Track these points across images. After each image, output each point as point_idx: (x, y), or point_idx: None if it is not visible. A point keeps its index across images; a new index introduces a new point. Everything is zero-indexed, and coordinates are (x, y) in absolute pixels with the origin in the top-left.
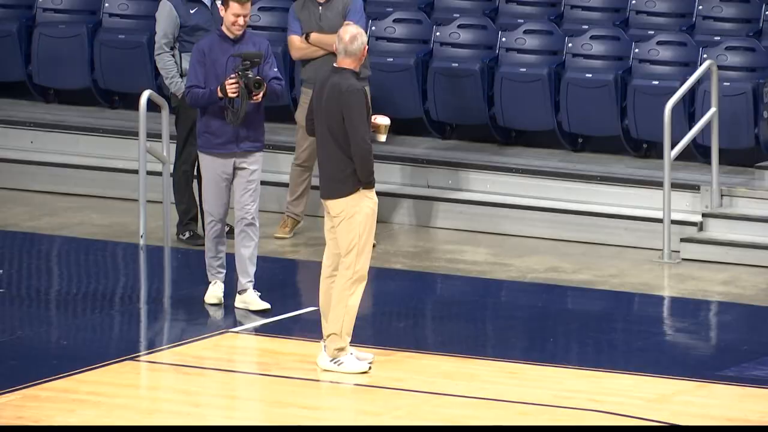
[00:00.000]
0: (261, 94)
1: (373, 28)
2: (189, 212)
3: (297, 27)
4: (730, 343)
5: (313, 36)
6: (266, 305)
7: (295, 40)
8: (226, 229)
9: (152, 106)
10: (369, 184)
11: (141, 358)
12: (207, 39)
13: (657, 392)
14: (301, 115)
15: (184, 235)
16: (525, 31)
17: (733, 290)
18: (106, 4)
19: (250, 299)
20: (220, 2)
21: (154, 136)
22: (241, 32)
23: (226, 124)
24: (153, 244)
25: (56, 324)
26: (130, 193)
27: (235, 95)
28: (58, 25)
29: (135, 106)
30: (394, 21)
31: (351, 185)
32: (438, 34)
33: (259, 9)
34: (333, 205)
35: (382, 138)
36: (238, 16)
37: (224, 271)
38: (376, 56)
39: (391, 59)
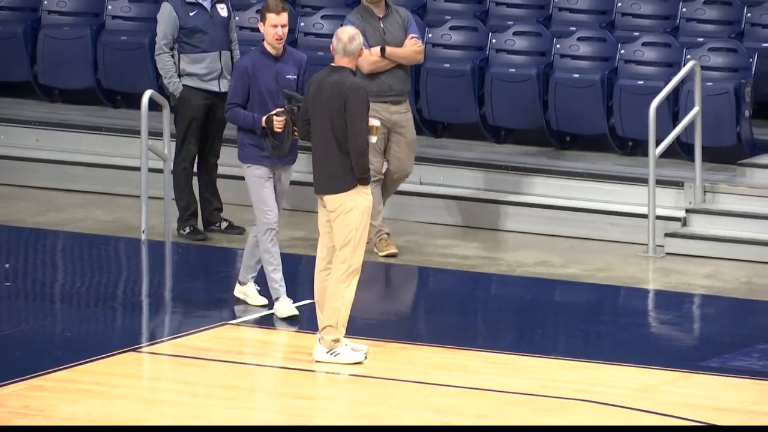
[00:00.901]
0: None
1: None
2: (189, 208)
3: (365, 41)
4: (712, 335)
5: (389, 50)
6: (264, 300)
7: (366, 54)
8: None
9: (154, 105)
10: (364, 180)
11: (142, 350)
12: (249, 56)
13: (642, 382)
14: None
15: (184, 230)
16: (514, 33)
17: (715, 284)
18: (109, 7)
19: (250, 293)
20: (229, 14)
21: (155, 134)
22: (281, 44)
23: None
24: (154, 239)
25: (60, 316)
26: (132, 190)
27: (280, 131)
28: (62, 27)
29: (137, 106)
30: None
31: (349, 181)
32: (430, 35)
33: (257, 11)
34: (330, 201)
35: (373, 139)
36: (275, 26)
37: (283, 284)
38: None
39: None
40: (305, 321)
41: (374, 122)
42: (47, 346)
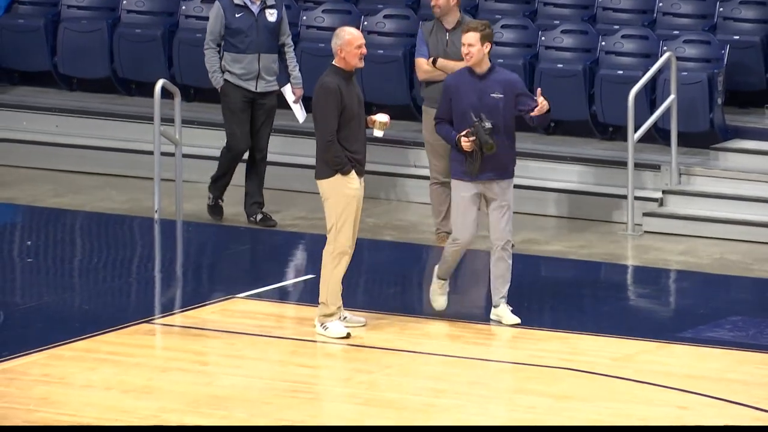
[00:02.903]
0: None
1: (365, 23)
2: (219, 180)
3: (425, 50)
4: (687, 308)
5: (440, 61)
6: (517, 320)
7: (422, 63)
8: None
9: (166, 93)
10: (340, 170)
11: (155, 321)
12: (456, 75)
13: (622, 352)
14: (426, 133)
15: (209, 199)
16: (502, 26)
17: (690, 260)
18: (124, 2)
19: (502, 313)
20: (279, 19)
21: (167, 120)
22: (471, 61)
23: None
24: (166, 219)
25: (79, 290)
26: (146, 173)
27: (469, 151)
28: (80, 21)
29: (150, 94)
30: (385, 17)
31: (328, 170)
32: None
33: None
34: (319, 186)
35: (376, 133)
36: (462, 45)
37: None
38: (367, 48)
39: (381, 51)
40: (308, 294)
41: (380, 117)
42: (66, 318)
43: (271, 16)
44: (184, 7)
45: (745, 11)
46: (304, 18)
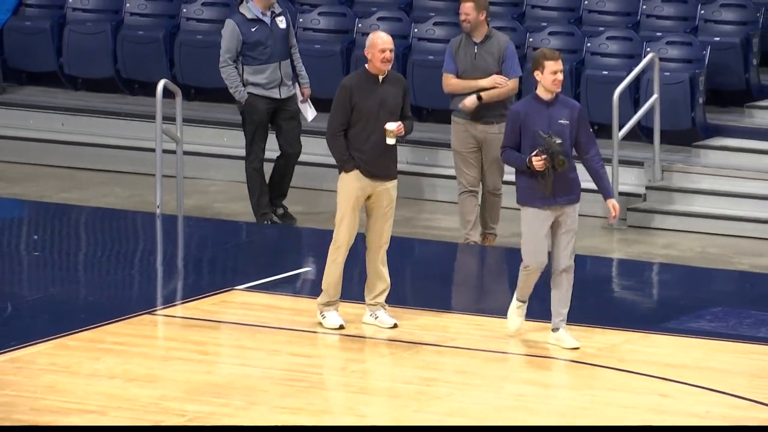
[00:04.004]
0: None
1: (359, 25)
2: (261, 204)
3: (452, 66)
4: (670, 299)
5: (463, 81)
6: (576, 344)
7: (448, 78)
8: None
9: (167, 93)
10: (340, 167)
11: (157, 313)
12: (522, 102)
13: (607, 342)
14: (455, 142)
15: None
16: (492, 28)
17: (672, 253)
18: (128, 4)
19: (563, 337)
20: (288, 25)
21: (168, 119)
22: (559, 88)
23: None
24: (168, 214)
25: (83, 283)
26: (148, 169)
27: (541, 170)
28: (85, 23)
29: (152, 93)
30: (378, 19)
31: (339, 168)
32: (416, 30)
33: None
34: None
35: (388, 140)
36: (555, 72)
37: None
38: (362, 49)
39: None
40: (304, 287)
41: (388, 126)
42: (72, 310)
43: (281, 23)
44: (185, 10)
45: (726, 13)
46: (301, 20)
